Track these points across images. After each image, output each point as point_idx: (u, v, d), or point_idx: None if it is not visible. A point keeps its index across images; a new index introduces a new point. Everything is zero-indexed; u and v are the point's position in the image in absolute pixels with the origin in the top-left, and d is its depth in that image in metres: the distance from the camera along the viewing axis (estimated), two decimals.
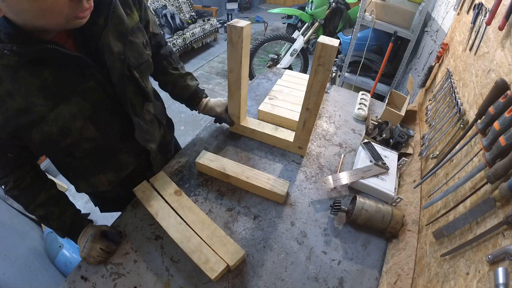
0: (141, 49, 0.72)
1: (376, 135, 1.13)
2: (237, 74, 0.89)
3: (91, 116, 0.64)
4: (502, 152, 0.50)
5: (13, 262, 1.28)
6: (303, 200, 0.90)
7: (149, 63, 0.77)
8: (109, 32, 0.61)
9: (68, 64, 0.57)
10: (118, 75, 0.64)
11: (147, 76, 0.79)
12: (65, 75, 0.58)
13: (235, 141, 1.10)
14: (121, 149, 0.79)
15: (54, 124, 0.58)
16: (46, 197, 0.72)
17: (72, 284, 0.68)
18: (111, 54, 0.62)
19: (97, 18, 0.58)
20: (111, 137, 0.72)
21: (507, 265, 0.42)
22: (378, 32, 2.38)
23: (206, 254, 0.70)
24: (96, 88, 0.63)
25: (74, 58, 0.56)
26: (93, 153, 0.72)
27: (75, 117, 0.61)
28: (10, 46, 0.48)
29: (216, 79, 3.77)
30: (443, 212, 0.67)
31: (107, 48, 0.61)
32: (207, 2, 5.22)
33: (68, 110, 0.59)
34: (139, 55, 0.71)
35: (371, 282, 0.72)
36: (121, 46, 0.64)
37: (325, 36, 0.73)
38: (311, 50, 3.48)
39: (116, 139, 0.74)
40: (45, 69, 0.55)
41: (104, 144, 0.71)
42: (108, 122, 0.69)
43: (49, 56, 0.54)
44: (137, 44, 0.70)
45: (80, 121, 0.62)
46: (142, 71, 0.74)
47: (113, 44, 0.62)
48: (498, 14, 0.74)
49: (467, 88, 0.81)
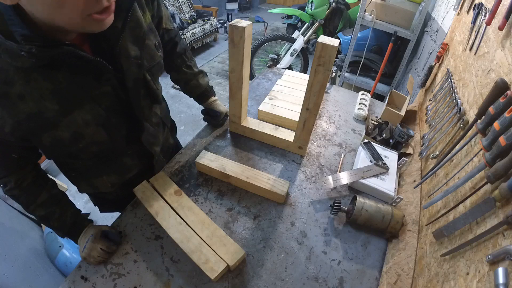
0: (153, 52, 0.70)
1: (376, 135, 1.13)
2: (239, 74, 0.89)
3: (104, 122, 0.63)
4: (502, 152, 0.50)
5: (13, 262, 1.28)
6: (303, 200, 0.90)
7: (161, 64, 0.76)
8: (126, 36, 0.59)
9: (84, 69, 0.55)
10: (133, 80, 0.63)
11: (157, 78, 0.79)
12: (80, 80, 0.56)
13: (235, 141, 1.10)
14: (126, 152, 0.79)
15: (67, 130, 0.57)
16: (47, 197, 0.71)
17: (72, 284, 0.68)
18: (128, 58, 0.60)
19: (115, 22, 0.54)
20: (118, 140, 0.71)
21: (507, 265, 0.42)
22: (378, 32, 2.38)
23: (206, 254, 0.70)
24: (111, 93, 0.62)
25: (93, 62, 0.54)
26: (98, 155, 0.72)
27: (88, 123, 0.59)
28: (28, 47, 0.45)
29: (216, 79, 3.77)
30: (443, 212, 0.67)
31: (124, 53, 0.59)
32: (207, 2, 5.23)
33: (82, 116, 0.58)
34: (151, 58, 0.70)
35: (371, 282, 0.72)
36: (138, 50, 0.62)
37: (325, 36, 0.73)
38: (311, 50, 3.49)
39: (122, 142, 0.73)
40: (59, 73, 0.53)
41: (111, 147, 0.70)
42: (117, 127, 0.69)
43: (67, 60, 0.52)
44: (149, 46, 0.69)
45: (93, 126, 0.61)
46: (154, 73, 0.73)
47: (130, 48, 0.61)
48: (498, 14, 0.74)
49: (467, 88, 0.81)
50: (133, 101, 0.67)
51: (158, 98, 0.79)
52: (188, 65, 0.99)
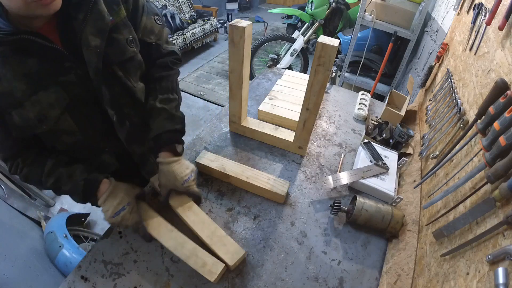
0: (123, 46, 0.70)
1: (376, 135, 1.13)
2: (239, 74, 0.89)
3: (69, 108, 0.66)
4: (502, 152, 0.50)
5: (13, 262, 1.28)
6: (303, 200, 0.90)
7: (136, 61, 0.74)
8: (87, 27, 0.62)
9: (49, 55, 0.60)
10: (93, 69, 0.65)
11: (136, 75, 0.76)
12: (47, 65, 0.61)
13: (235, 141, 1.10)
14: (104, 148, 0.79)
15: (31, 110, 0.61)
16: (52, 163, 0.70)
17: (72, 284, 0.68)
18: (88, 47, 0.63)
19: (78, 14, 0.61)
20: (91, 133, 0.73)
21: (507, 265, 0.42)
22: (378, 32, 2.38)
23: (203, 258, 0.69)
24: (77, 83, 0.65)
25: (51, 50, 0.59)
26: (74, 148, 0.73)
27: (51, 105, 0.63)
28: None
29: (216, 79, 3.77)
30: (443, 212, 0.67)
31: (85, 42, 0.63)
32: (207, 2, 5.22)
33: (46, 98, 0.62)
34: (120, 52, 0.70)
35: (371, 282, 0.72)
36: (99, 41, 0.64)
37: (325, 36, 0.73)
38: (311, 50, 3.48)
39: (97, 136, 0.75)
40: (30, 59, 0.58)
41: (84, 140, 0.72)
42: (87, 118, 0.71)
43: (30, 46, 0.57)
44: (119, 40, 0.69)
45: (57, 110, 0.64)
46: (128, 69, 0.73)
47: (91, 39, 0.63)
48: (498, 14, 0.74)
49: (467, 88, 0.81)
50: (97, 93, 0.68)
51: (134, 95, 0.77)
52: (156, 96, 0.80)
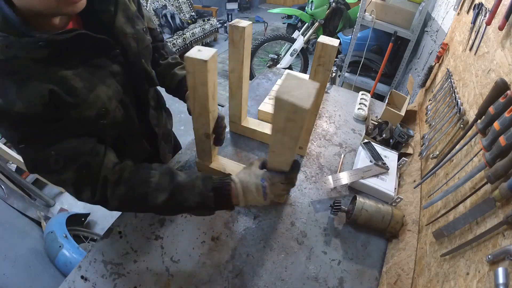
0: (142, 35, 0.74)
1: (376, 135, 1.13)
2: (239, 74, 0.89)
3: (121, 99, 0.67)
4: (502, 152, 0.50)
5: (13, 262, 1.28)
6: (303, 200, 0.90)
7: (150, 48, 0.80)
8: (119, 17, 0.65)
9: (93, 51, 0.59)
10: (133, 54, 0.68)
11: (149, 62, 0.82)
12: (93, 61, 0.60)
13: (235, 141, 1.10)
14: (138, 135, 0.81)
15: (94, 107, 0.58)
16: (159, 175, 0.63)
17: (72, 284, 0.68)
18: (125, 35, 0.65)
19: (108, 6, 0.63)
20: (131, 121, 0.74)
21: (507, 265, 0.42)
22: (378, 32, 2.38)
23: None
24: (121, 72, 0.66)
25: (100, 41, 0.59)
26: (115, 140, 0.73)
27: (110, 98, 0.62)
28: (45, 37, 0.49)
29: None
30: (443, 212, 0.67)
31: (121, 31, 0.65)
32: (207, 2, 5.22)
33: (105, 91, 0.61)
34: (142, 41, 0.73)
35: (371, 282, 0.72)
36: (131, 28, 0.68)
37: (325, 36, 0.73)
38: (311, 50, 3.49)
39: (135, 123, 0.76)
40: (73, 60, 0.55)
41: (126, 129, 0.73)
42: (130, 107, 0.72)
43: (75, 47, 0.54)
44: (139, 30, 0.73)
45: (114, 102, 0.64)
46: (146, 56, 0.76)
47: (126, 27, 0.66)
48: (498, 14, 0.74)
49: (467, 88, 0.81)
50: (137, 80, 0.71)
51: (153, 80, 0.82)
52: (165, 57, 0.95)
